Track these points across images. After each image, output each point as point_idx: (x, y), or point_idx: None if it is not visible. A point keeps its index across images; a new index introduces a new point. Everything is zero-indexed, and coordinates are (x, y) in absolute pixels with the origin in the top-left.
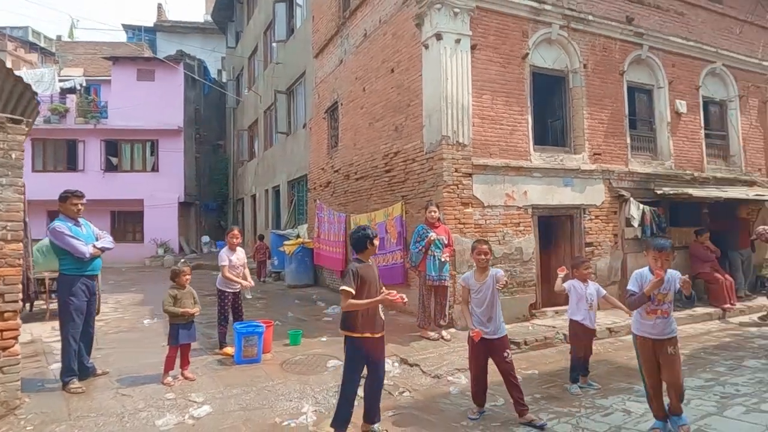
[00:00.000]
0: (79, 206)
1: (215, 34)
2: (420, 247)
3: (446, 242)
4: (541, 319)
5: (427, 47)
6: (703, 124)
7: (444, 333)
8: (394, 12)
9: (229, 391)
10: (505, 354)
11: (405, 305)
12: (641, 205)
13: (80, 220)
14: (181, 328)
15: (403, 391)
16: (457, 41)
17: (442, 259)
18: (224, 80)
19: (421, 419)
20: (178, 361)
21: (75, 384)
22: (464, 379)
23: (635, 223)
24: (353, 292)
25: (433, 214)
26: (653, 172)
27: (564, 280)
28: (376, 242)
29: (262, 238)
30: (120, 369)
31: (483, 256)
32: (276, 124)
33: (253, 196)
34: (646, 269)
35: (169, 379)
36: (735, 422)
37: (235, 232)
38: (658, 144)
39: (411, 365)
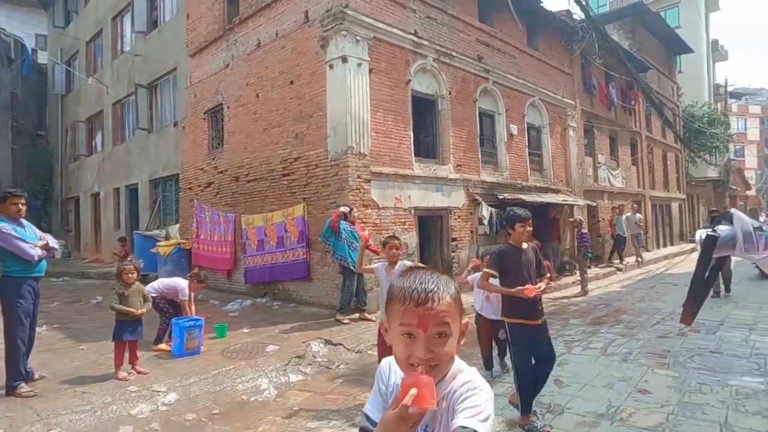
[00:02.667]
0: (20, 206)
1: (29, 8)
2: (351, 242)
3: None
4: None
5: (332, 67)
6: (527, 144)
7: (358, 315)
8: (294, 29)
9: (186, 380)
10: None
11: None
12: (489, 208)
13: (22, 220)
14: (126, 325)
15: (339, 365)
16: (359, 65)
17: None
18: (45, 62)
19: (365, 381)
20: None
21: (25, 388)
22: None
23: (485, 222)
24: (490, 272)
25: (355, 214)
26: (496, 181)
27: (473, 271)
28: (526, 227)
29: (124, 240)
30: (54, 373)
31: (394, 251)
32: (136, 119)
33: (95, 195)
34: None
35: (124, 374)
36: (579, 356)
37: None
38: (499, 159)
39: (335, 345)
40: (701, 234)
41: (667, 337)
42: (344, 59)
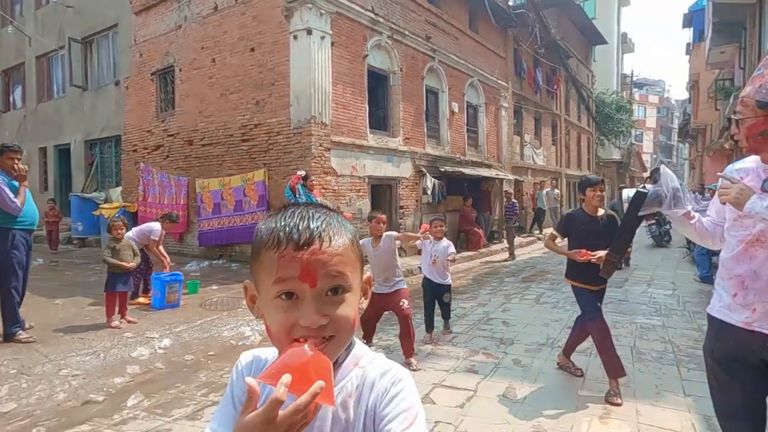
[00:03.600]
0: (15, 161)
1: None
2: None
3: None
4: None
5: (296, 38)
6: (466, 122)
7: None
8: None
9: (175, 328)
10: (401, 303)
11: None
12: (433, 179)
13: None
14: (118, 277)
15: None
16: (322, 38)
17: None
18: None
19: None
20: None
21: (23, 334)
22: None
23: (429, 192)
24: (556, 234)
25: (312, 181)
26: (439, 155)
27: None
28: (597, 191)
29: (53, 202)
30: (43, 324)
31: (381, 225)
32: (70, 75)
33: None
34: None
35: (116, 322)
36: (518, 305)
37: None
38: (441, 134)
39: None
40: (629, 192)
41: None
42: (309, 31)
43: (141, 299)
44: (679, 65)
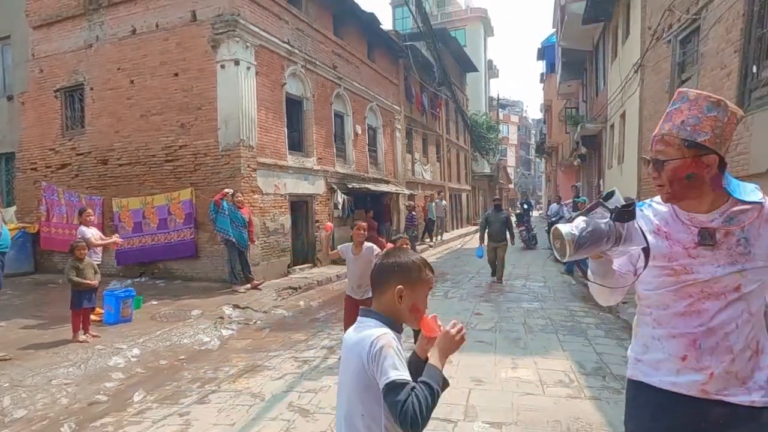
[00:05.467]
0: None
1: None
2: (234, 221)
3: (248, 220)
4: (296, 274)
5: (223, 67)
6: (367, 142)
7: (249, 285)
8: (180, 25)
9: (138, 339)
10: None
11: None
12: (342, 195)
13: None
14: (84, 295)
15: (256, 321)
16: (248, 68)
17: (244, 234)
18: None
19: (287, 329)
20: None
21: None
22: (282, 311)
23: (339, 207)
24: None
25: (239, 197)
26: (346, 173)
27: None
28: None
29: None
30: (3, 345)
31: (362, 232)
32: None
33: None
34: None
35: (83, 336)
36: (430, 301)
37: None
38: (348, 153)
39: (243, 308)
40: (571, 230)
41: (480, 287)
42: (236, 62)
43: (92, 316)
44: (534, 88)
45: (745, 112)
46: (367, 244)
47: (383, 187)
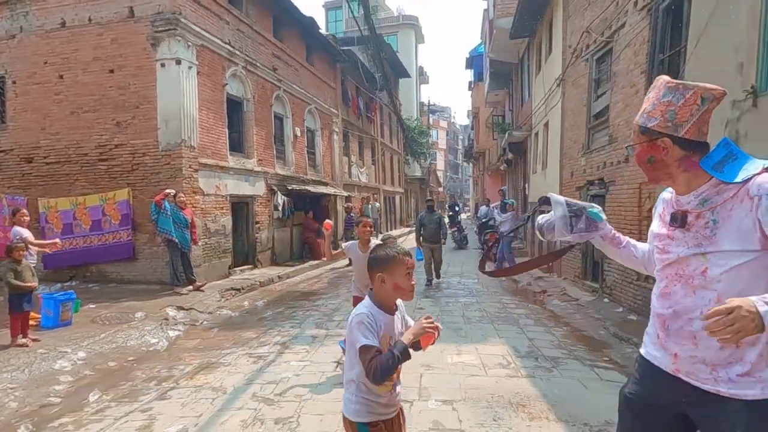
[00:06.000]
0: None
1: None
2: (177, 222)
3: (191, 221)
4: (237, 275)
5: (164, 66)
6: (306, 144)
7: (192, 286)
8: (116, 20)
9: (82, 342)
10: None
11: None
12: (282, 196)
13: None
14: (23, 297)
15: (202, 321)
16: (190, 67)
17: (186, 235)
18: None
19: (235, 328)
20: None
21: None
22: (228, 311)
23: (279, 208)
24: None
25: (182, 198)
26: (286, 174)
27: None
28: None
29: None
30: None
31: (368, 229)
32: None
33: None
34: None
35: (24, 340)
36: None
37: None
38: (287, 155)
39: (188, 309)
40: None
41: (419, 284)
42: (178, 61)
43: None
44: (462, 95)
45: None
46: (373, 240)
47: (322, 189)
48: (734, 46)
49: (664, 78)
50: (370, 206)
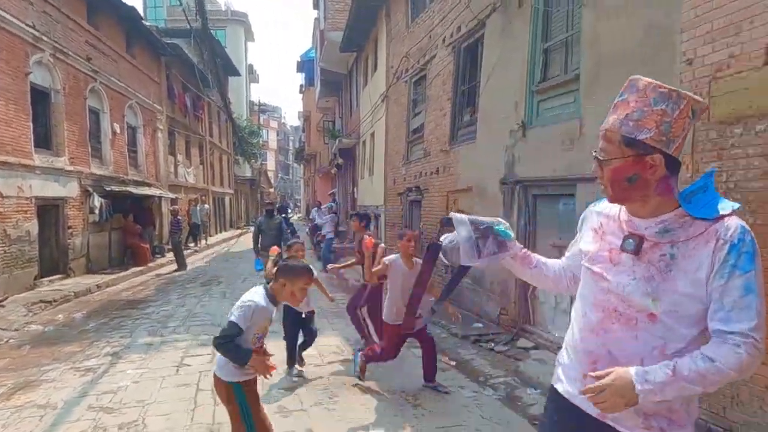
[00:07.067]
0: None
1: None
2: None
3: None
4: (45, 286)
5: None
6: (127, 142)
7: None
8: None
9: None
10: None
11: None
12: (99, 198)
13: None
14: None
15: (8, 340)
16: None
17: None
18: None
19: (50, 340)
20: None
21: None
22: (38, 326)
23: (96, 211)
24: None
25: None
26: (104, 174)
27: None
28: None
29: None
30: None
31: (412, 243)
32: None
33: None
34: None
35: None
36: (209, 302)
37: None
38: (104, 153)
39: None
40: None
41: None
42: None
43: None
44: (293, 96)
45: (450, 147)
46: (417, 259)
47: (145, 190)
48: (512, 87)
49: (646, 79)
50: (198, 208)
